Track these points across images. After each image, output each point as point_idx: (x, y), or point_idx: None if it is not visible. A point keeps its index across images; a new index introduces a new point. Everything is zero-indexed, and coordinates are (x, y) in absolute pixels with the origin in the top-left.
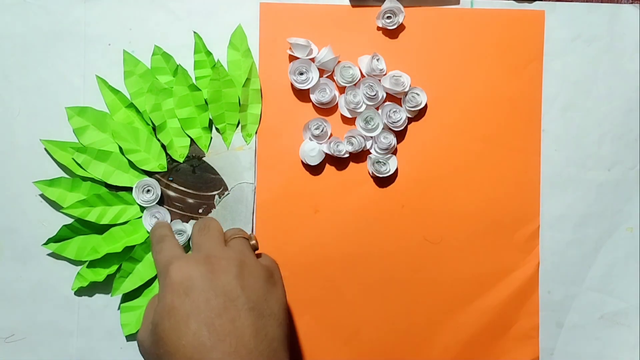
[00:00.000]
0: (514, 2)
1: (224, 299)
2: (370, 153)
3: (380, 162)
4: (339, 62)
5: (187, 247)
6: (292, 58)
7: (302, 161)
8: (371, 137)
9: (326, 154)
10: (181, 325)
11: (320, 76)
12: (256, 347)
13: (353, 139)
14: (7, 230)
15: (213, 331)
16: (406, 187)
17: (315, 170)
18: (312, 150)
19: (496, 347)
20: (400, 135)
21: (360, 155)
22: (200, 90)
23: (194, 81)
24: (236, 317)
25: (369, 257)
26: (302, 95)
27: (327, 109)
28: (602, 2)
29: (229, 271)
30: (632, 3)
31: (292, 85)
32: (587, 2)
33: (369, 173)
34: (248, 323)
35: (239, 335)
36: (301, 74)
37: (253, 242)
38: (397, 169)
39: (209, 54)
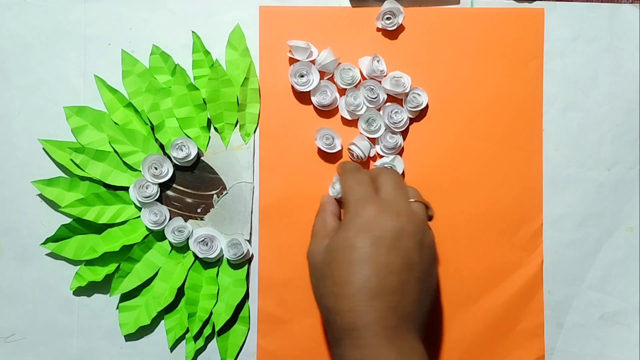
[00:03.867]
0: (514, 1)
1: (403, 260)
2: (376, 159)
3: (387, 166)
4: (339, 64)
5: (185, 246)
6: (293, 60)
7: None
8: (374, 138)
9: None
10: (356, 264)
11: (321, 78)
12: (412, 312)
13: (353, 149)
14: (6, 230)
15: (382, 284)
16: None
17: (318, 171)
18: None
19: (502, 345)
20: (402, 136)
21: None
22: (198, 89)
23: (192, 81)
24: (406, 281)
25: None
26: (303, 97)
27: (328, 111)
28: (602, 2)
29: (414, 236)
30: (632, 3)
31: (292, 87)
32: (587, 1)
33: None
34: (414, 290)
35: (403, 296)
36: (302, 76)
37: (431, 212)
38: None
39: (207, 53)
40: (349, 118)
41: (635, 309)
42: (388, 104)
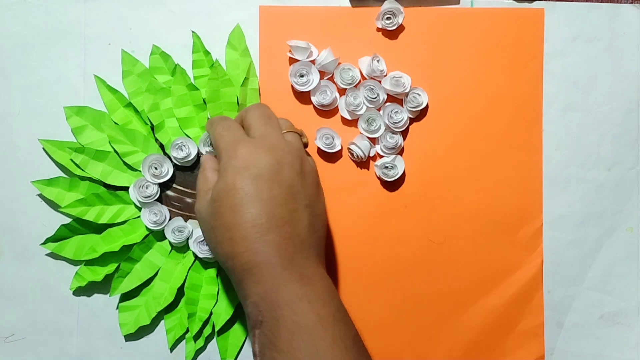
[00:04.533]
0: (514, 1)
1: (287, 191)
2: (376, 159)
3: (388, 166)
4: (339, 64)
5: (185, 246)
6: (293, 60)
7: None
8: (374, 138)
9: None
10: (242, 206)
11: (321, 78)
12: (307, 239)
13: (353, 149)
14: (6, 229)
15: (272, 217)
16: (409, 187)
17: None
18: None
19: (502, 345)
20: (402, 135)
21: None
22: (198, 89)
23: (192, 81)
24: (294, 210)
25: (373, 257)
26: (303, 97)
27: (328, 111)
28: (602, 2)
29: (293, 166)
30: (632, 3)
31: (292, 87)
32: (587, 1)
33: (377, 176)
34: (304, 217)
35: (294, 225)
36: (302, 76)
37: (305, 139)
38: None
39: (207, 53)
40: (349, 118)
41: (635, 309)
42: (388, 104)
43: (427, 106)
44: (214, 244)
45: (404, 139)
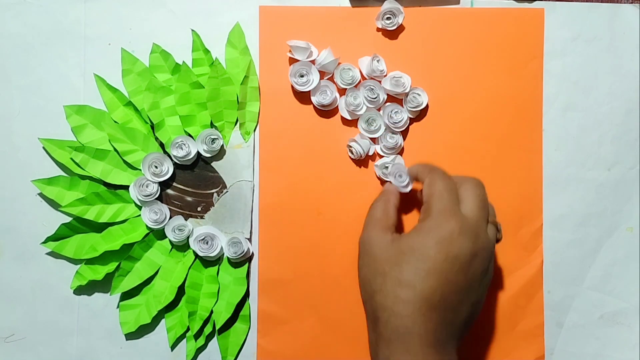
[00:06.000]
0: (514, 1)
1: (468, 284)
2: (375, 159)
3: (388, 166)
4: (339, 64)
5: (186, 245)
6: (292, 60)
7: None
8: (374, 138)
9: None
10: (425, 274)
11: (321, 78)
12: (460, 331)
13: (353, 146)
14: (6, 229)
15: (443, 299)
16: None
17: (318, 171)
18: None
19: (502, 345)
20: (402, 135)
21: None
22: (202, 87)
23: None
24: (464, 302)
25: None
26: (303, 97)
27: (328, 111)
28: (602, 2)
29: (483, 263)
30: (632, 3)
31: (292, 87)
32: (587, 1)
33: (377, 176)
34: (467, 311)
35: (457, 315)
36: (301, 76)
37: (500, 235)
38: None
39: (207, 52)
40: (349, 118)
41: (635, 309)
42: (388, 104)
43: (427, 106)
44: (374, 289)
45: (404, 139)
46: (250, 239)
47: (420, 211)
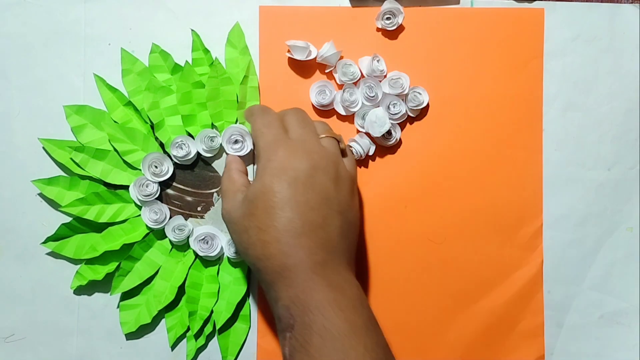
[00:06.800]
0: (514, 1)
1: (320, 196)
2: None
3: (236, 141)
4: (341, 57)
5: (186, 244)
6: (292, 60)
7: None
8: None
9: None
10: (277, 209)
11: (322, 72)
12: (339, 245)
13: (353, 146)
14: (6, 229)
15: (306, 222)
16: (409, 187)
17: None
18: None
19: (502, 346)
20: (402, 135)
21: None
22: (203, 87)
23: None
24: (327, 215)
25: (373, 257)
26: (303, 97)
27: (326, 111)
28: (602, 1)
29: (328, 172)
30: (632, 3)
31: (292, 87)
32: (587, 1)
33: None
34: (337, 223)
35: (327, 231)
36: (236, 142)
37: (342, 145)
38: (400, 170)
39: (206, 51)
40: (344, 113)
41: (635, 309)
42: (387, 95)
43: (427, 106)
44: (245, 245)
45: (405, 139)
46: None
47: None
